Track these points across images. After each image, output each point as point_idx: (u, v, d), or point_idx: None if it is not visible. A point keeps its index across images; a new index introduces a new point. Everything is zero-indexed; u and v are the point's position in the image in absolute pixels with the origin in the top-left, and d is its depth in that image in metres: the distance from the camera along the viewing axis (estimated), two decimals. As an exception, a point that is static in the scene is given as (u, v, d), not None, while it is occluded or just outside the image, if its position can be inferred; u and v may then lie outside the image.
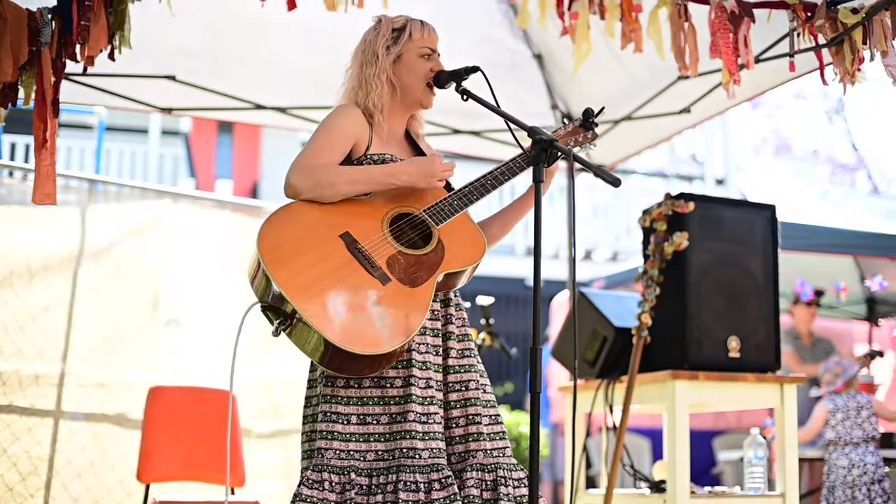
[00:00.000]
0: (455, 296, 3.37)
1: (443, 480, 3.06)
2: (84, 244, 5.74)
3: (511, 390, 15.61)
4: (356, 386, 3.14)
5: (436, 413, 3.16)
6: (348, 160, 3.32)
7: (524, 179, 3.34)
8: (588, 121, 3.63)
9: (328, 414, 3.15)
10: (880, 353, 7.77)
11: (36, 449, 5.42)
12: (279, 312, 3.01)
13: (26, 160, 13.72)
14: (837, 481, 7.08)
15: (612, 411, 4.85)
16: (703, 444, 10.06)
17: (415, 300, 3.07)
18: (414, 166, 3.24)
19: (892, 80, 4.12)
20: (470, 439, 3.21)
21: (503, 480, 3.17)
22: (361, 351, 2.95)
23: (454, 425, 3.24)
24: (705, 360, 4.57)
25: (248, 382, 5.95)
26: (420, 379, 3.15)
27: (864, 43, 4.13)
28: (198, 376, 5.80)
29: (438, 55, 3.46)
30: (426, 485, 3.05)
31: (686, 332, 4.56)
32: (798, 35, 4.25)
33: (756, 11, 4.31)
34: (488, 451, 3.21)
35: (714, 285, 4.66)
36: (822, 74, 4.32)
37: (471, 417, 3.22)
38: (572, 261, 4.00)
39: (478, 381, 3.29)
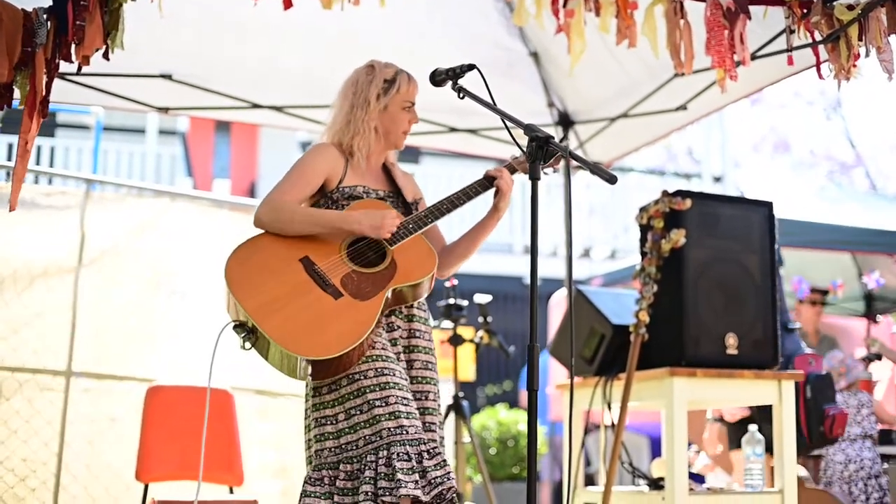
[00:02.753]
0: (423, 311, 3.70)
1: (431, 450, 3.35)
2: (83, 244, 5.73)
3: (509, 388, 15.63)
4: (337, 388, 3.43)
5: (412, 399, 3.45)
6: (322, 192, 3.67)
7: (486, 199, 3.73)
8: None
9: (318, 420, 3.48)
10: (878, 357, 7.79)
11: (37, 449, 5.42)
12: (245, 328, 3.34)
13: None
14: (835, 476, 7.09)
15: (610, 409, 4.85)
16: (701, 441, 10.05)
17: (363, 312, 3.38)
18: (366, 219, 3.51)
19: (887, 76, 4.12)
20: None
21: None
22: (314, 356, 3.28)
23: None
24: (703, 357, 4.57)
25: (245, 383, 5.94)
26: (395, 370, 3.45)
27: (860, 39, 4.13)
28: (196, 376, 5.80)
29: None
30: (417, 455, 3.30)
31: (684, 329, 4.56)
32: (794, 32, 4.25)
33: (752, 8, 4.31)
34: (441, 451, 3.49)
35: (712, 282, 4.65)
36: (818, 70, 4.31)
37: (427, 425, 3.55)
38: (570, 258, 4.02)
39: (435, 394, 3.64)
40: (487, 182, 3.69)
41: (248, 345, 3.35)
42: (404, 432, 3.31)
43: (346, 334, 3.31)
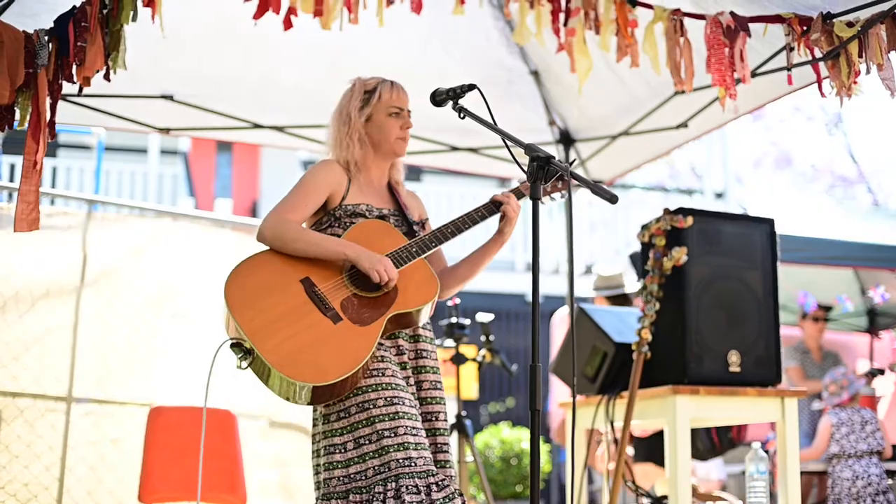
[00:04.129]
0: (429, 331, 3.67)
1: (440, 483, 3.30)
2: (85, 264, 5.73)
3: (512, 406, 15.60)
4: (346, 416, 3.41)
5: (421, 428, 3.41)
6: (325, 208, 3.65)
7: (492, 223, 3.71)
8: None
9: (327, 448, 3.44)
10: (881, 372, 7.78)
11: (39, 474, 5.40)
12: (242, 348, 3.32)
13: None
14: (842, 493, 7.08)
15: (612, 427, 4.84)
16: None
17: (362, 337, 3.35)
18: (365, 256, 3.45)
19: (889, 94, 4.12)
20: (438, 466, 3.51)
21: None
22: (311, 382, 3.25)
23: None
24: (706, 374, 4.56)
25: (248, 403, 5.94)
26: (405, 398, 3.41)
27: (860, 56, 4.13)
28: (199, 397, 5.79)
29: (409, 112, 3.72)
30: (426, 487, 3.27)
31: (686, 346, 4.55)
32: (794, 49, 4.25)
33: (752, 26, 4.32)
34: (451, 478, 3.47)
35: (714, 300, 4.65)
36: (819, 86, 4.31)
37: (439, 446, 3.54)
38: (571, 276, 4.02)
39: (445, 414, 3.61)
40: (494, 207, 3.67)
41: (244, 364, 3.33)
42: (413, 464, 3.28)
43: (344, 360, 3.28)
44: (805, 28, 4.20)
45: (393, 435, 3.31)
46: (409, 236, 3.66)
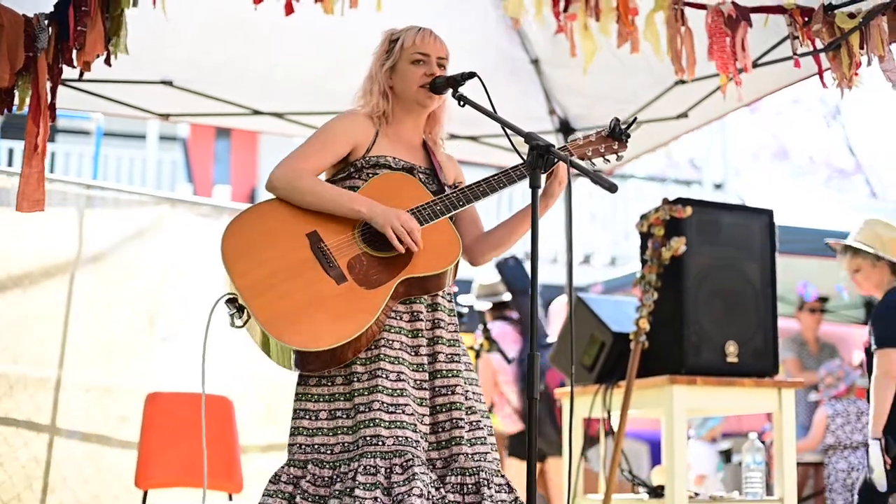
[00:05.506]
0: (448, 300, 3.37)
1: (404, 465, 3.04)
2: (81, 250, 5.73)
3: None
4: (328, 384, 3.19)
5: (406, 405, 3.13)
6: (346, 159, 3.37)
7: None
8: (615, 131, 3.53)
9: (297, 411, 3.22)
10: None
11: (32, 455, 5.41)
12: (236, 304, 3.09)
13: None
14: (837, 484, 7.10)
15: (609, 416, 4.85)
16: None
17: (366, 302, 3.07)
18: (380, 212, 3.18)
19: (892, 85, 4.11)
20: (452, 443, 3.20)
21: (486, 482, 3.17)
22: (298, 346, 3.01)
23: (440, 429, 3.23)
24: (703, 364, 4.57)
25: (245, 390, 5.94)
26: (391, 372, 3.15)
27: (862, 48, 4.13)
28: (194, 382, 5.79)
29: (440, 59, 3.46)
30: (387, 469, 3.04)
31: (684, 336, 4.55)
32: (797, 38, 4.24)
33: (753, 17, 4.31)
34: (469, 455, 3.19)
35: (712, 290, 4.65)
36: (821, 77, 4.30)
37: (454, 421, 3.21)
38: (570, 265, 4.01)
39: (462, 386, 3.27)
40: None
41: (238, 322, 3.09)
42: (380, 443, 3.05)
43: (342, 326, 3.01)
44: (806, 19, 4.20)
45: (367, 410, 3.07)
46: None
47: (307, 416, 3.19)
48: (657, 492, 4.69)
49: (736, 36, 4.26)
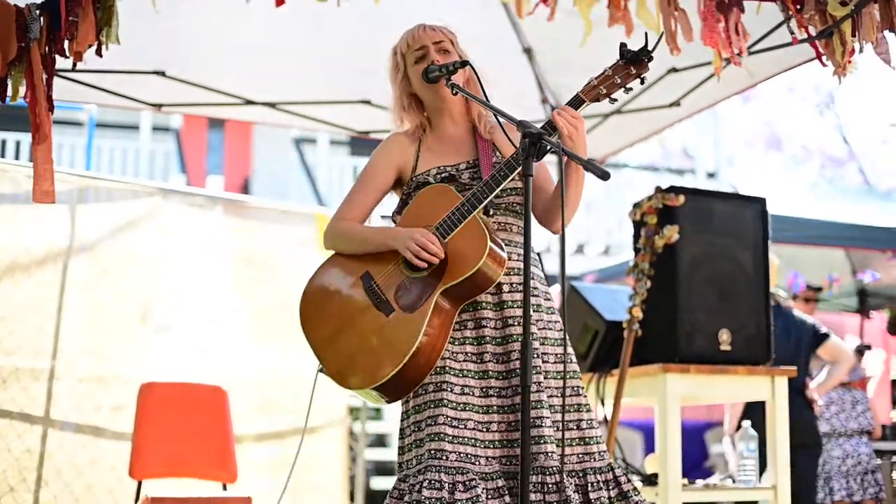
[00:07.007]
0: (517, 293, 3.30)
1: (467, 483, 3.06)
2: (74, 241, 5.72)
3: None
4: (406, 400, 3.30)
5: (468, 419, 3.16)
6: (399, 183, 3.48)
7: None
8: (626, 56, 3.48)
9: (399, 431, 3.36)
10: (868, 347, 7.83)
11: (26, 447, 5.41)
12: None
13: (17, 157, 13.68)
14: (833, 471, 7.12)
15: (603, 404, 4.85)
16: (694, 437, 10.08)
17: (412, 324, 3.16)
18: (400, 238, 3.24)
19: (887, 65, 4.11)
20: (532, 443, 3.10)
21: (592, 485, 3.20)
22: (360, 387, 3.18)
23: (517, 429, 3.17)
24: (696, 353, 4.57)
25: (240, 380, 5.95)
26: (455, 385, 3.19)
27: (854, 35, 4.12)
28: (188, 373, 5.79)
29: (437, 43, 3.48)
30: (450, 485, 3.05)
31: (677, 325, 4.56)
32: (790, 20, 4.23)
33: (745, 4, 4.30)
34: (549, 455, 3.15)
35: (705, 278, 4.66)
36: (819, 59, 4.29)
37: (533, 420, 3.14)
38: (563, 254, 4.01)
39: (539, 384, 3.21)
40: (549, 129, 3.19)
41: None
42: (444, 457, 3.08)
43: (391, 354, 3.13)
44: (799, 6, 4.19)
45: (433, 424, 3.13)
46: None
47: (402, 435, 3.33)
48: (651, 480, 4.70)
49: (729, 20, 4.25)
